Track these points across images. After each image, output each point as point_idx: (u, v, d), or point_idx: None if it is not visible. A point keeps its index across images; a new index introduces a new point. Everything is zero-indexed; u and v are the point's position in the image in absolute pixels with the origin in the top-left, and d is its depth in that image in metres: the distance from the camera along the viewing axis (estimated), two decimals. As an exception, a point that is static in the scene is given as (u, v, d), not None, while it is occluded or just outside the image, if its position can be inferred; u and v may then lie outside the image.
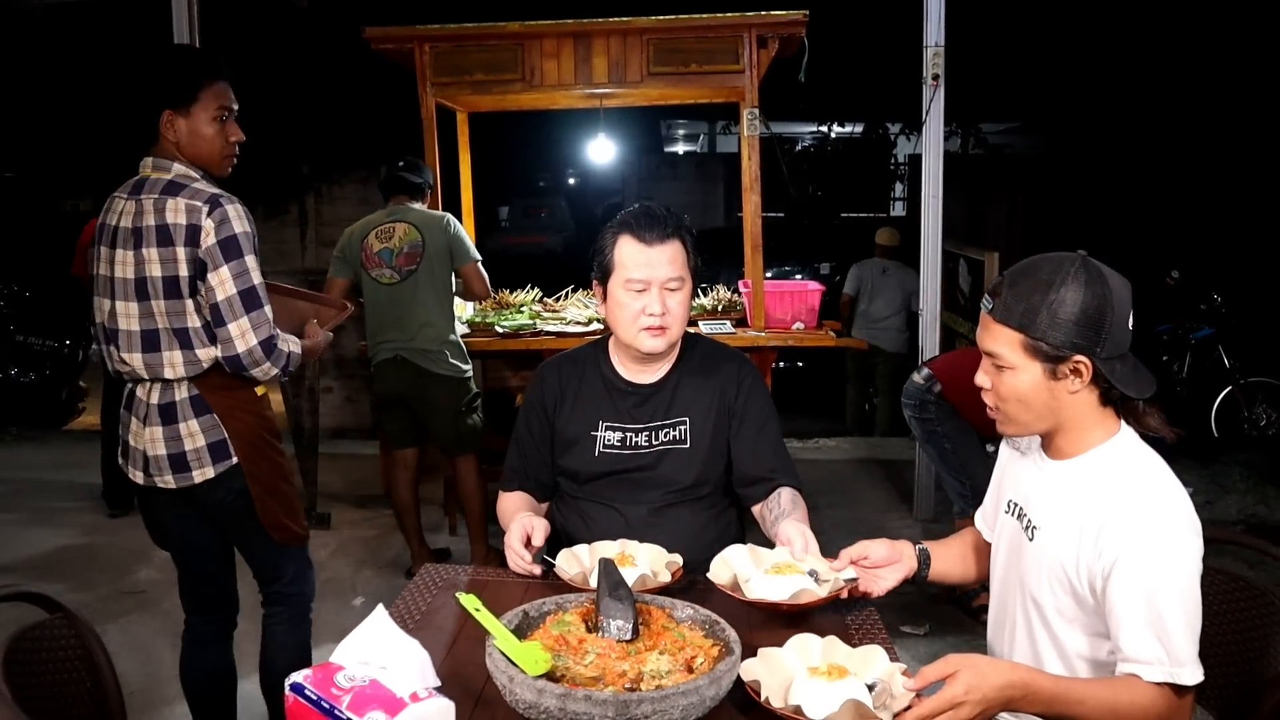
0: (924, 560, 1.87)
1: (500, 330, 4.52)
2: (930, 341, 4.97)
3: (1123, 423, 1.63)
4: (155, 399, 2.35)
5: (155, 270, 2.25)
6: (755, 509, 2.22)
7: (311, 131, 9.74)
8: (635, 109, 6.50)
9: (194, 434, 2.35)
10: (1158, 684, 1.47)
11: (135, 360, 2.32)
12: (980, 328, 1.64)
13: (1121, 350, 1.56)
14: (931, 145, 4.82)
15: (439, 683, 1.32)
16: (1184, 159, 12.30)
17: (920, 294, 5.03)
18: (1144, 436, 1.64)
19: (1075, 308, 1.52)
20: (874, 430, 7.41)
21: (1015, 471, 1.79)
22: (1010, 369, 1.59)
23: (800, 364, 9.31)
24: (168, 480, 2.38)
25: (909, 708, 1.38)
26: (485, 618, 1.53)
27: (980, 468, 3.86)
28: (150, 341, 2.30)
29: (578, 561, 2.00)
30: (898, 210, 20.16)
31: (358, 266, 4.06)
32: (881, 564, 1.84)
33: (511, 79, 4.40)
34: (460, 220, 4.96)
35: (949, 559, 1.91)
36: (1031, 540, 1.67)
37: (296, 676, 1.31)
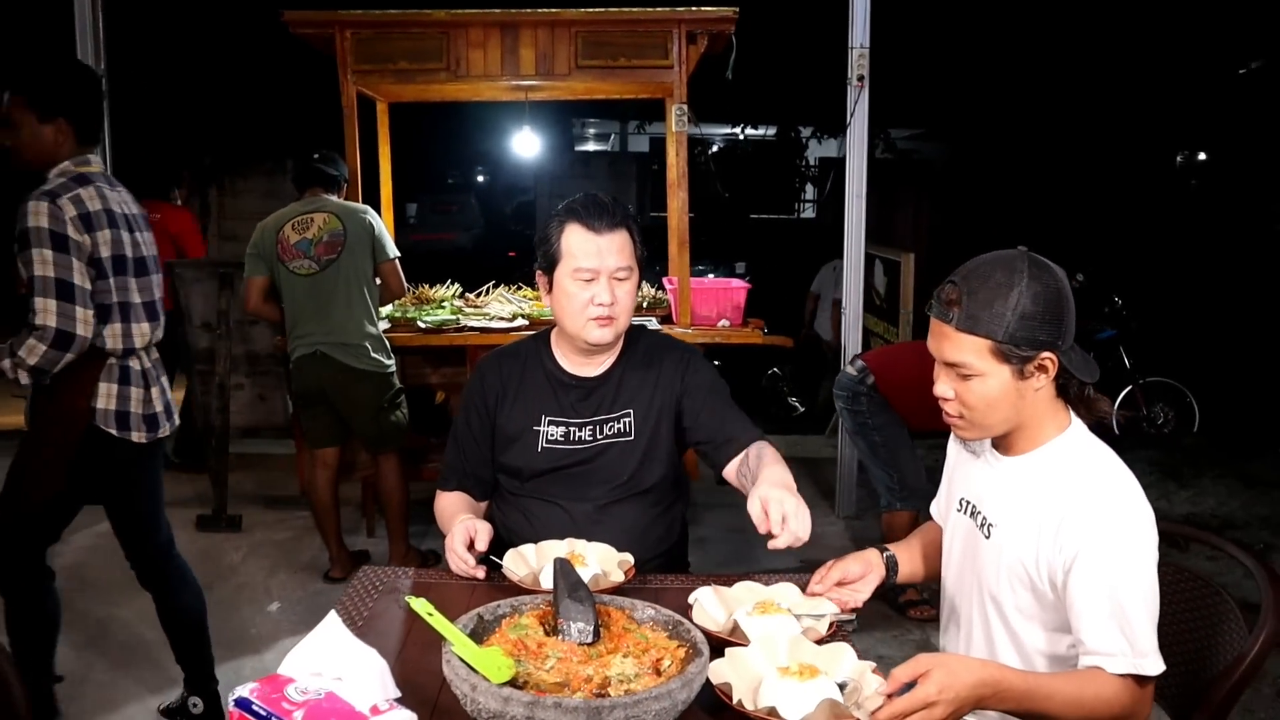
0: (892, 566, 1.85)
1: (422, 325, 4.39)
2: (853, 339, 5.01)
3: (1072, 414, 1.63)
4: (150, 362, 2.74)
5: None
6: (730, 473, 2.12)
7: (216, 121, 9.39)
8: (548, 106, 6.39)
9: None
10: (1121, 675, 1.48)
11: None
12: (937, 339, 1.61)
13: (1071, 339, 1.57)
14: (855, 146, 4.86)
15: (399, 693, 1.23)
16: (1085, 167, 12.76)
17: (844, 292, 5.06)
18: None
19: (1039, 305, 1.52)
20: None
21: (966, 469, 1.79)
22: (978, 376, 1.57)
23: (717, 363, 9.35)
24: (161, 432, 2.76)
25: (882, 707, 1.35)
26: (440, 623, 1.45)
27: (909, 461, 3.90)
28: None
29: (525, 562, 1.93)
30: (807, 213, 20.46)
31: (273, 260, 3.90)
32: (856, 579, 1.80)
33: (436, 68, 4.28)
34: (380, 215, 4.83)
35: (914, 560, 1.90)
36: (988, 538, 1.66)
37: (242, 690, 1.21)
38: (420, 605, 1.55)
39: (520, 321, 4.49)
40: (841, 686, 1.42)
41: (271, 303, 4.01)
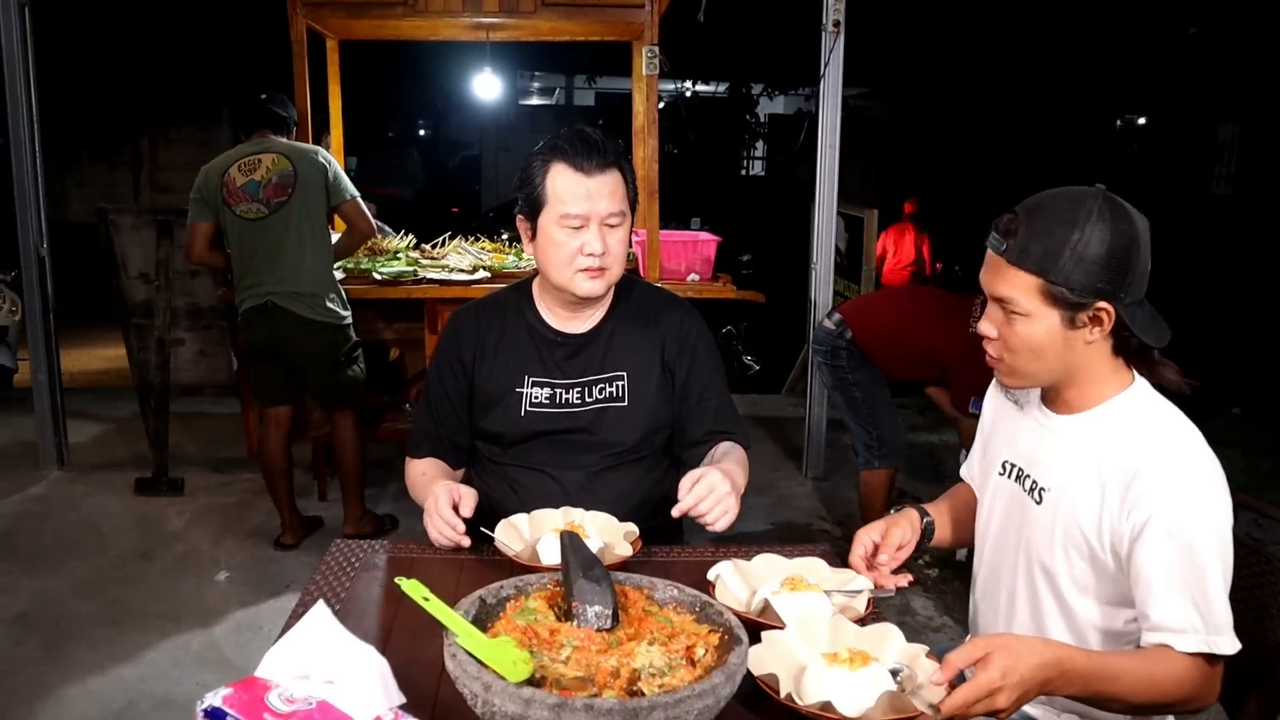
0: (929, 531, 1.70)
1: (378, 277, 4.14)
2: (825, 294, 4.87)
3: (1135, 373, 1.49)
4: None
5: None
6: (691, 465, 1.98)
7: (147, 65, 8.89)
8: (491, 59, 6.08)
9: None
10: (1191, 654, 1.34)
11: None
12: (987, 270, 1.45)
13: (1142, 294, 1.41)
14: (829, 95, 4.68)
15: (404, 699, 1.04)
16: (1028, 128, 12.78)
17: (815, 247, 4.91)
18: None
19: (1102, 248, 1.36)
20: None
21: (1010, 429, 1.63)
22: (1024, 316, 1.41)
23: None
24: None
25: (945, 699, 1.20)
26: (438, 609, 1.26)
27: (888, 418, 3.80)
28: None
29: (518, 534, 1.75)
30: (756, 169, 20.29)
31: (218, 205, 3.62)
32: (908, 544, 1.65)
33: (393, 2, 4.00)
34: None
35: (944, 523, 1.74)
36: (1039, 503, 1.51)
37: (212, 698, 1.01)
38: (413, 588, 1.36)
39: (482, 274, 4.27)
40: (894, 674, 1.27)
41: (217, 251, 3.73)
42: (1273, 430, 5.72)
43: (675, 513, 1.66)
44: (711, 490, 1.65)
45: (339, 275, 3.91)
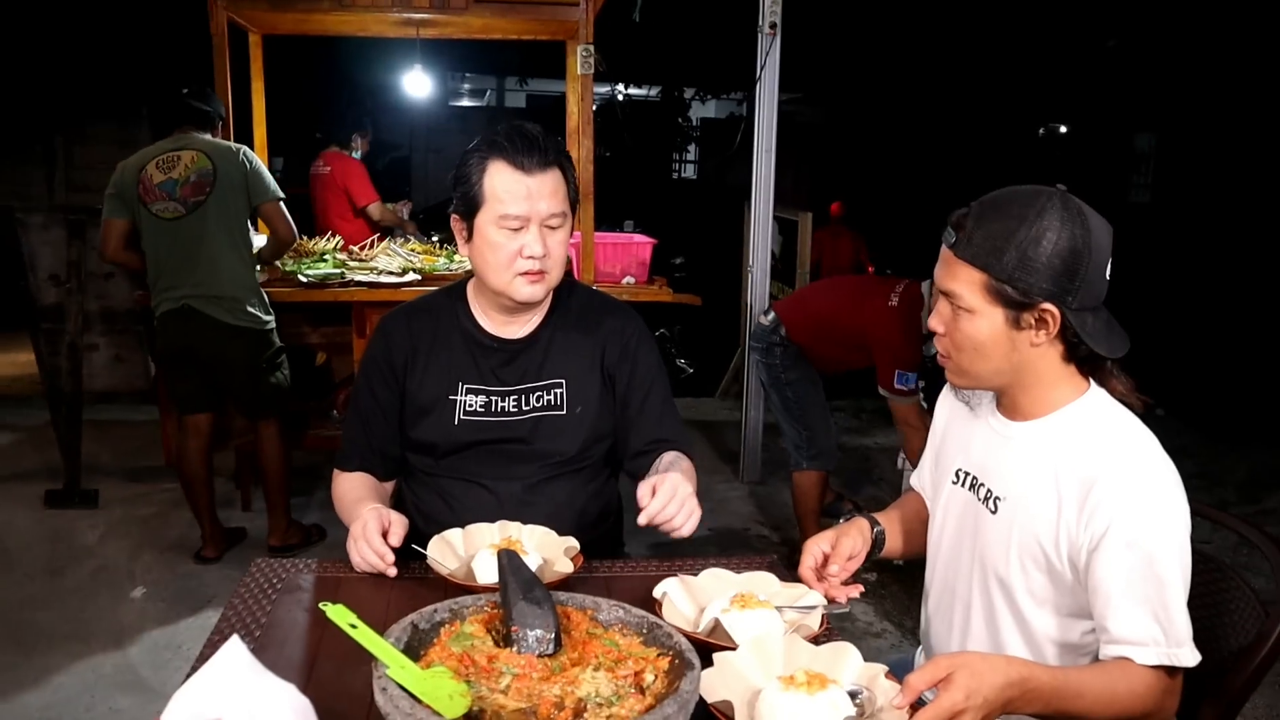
0: (879, 541, 1.65)
1: (304, 279, 4.00)
2: (760, 295, 4.85)
3: (1091, 381, 1.46)
4: None
5: None
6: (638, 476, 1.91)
7: (63, 63, 8.54)
8: (424, 57, 5.92)
9: None
10: (1151, 667, 1.31)
11: None
12: (939, 264, 1.42)
13: (1096, 301, 1.38)
14: (766, 97, 4.66)
15: (328, 741, 0.96)
16: (955, 136, 13.00)
17: (750, 249, 4.88)
18: None
19: (1049, 248, 1.32)
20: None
21: (963, 436, 1.59)
22: (969, 313, 1.38)
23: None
24: None
25: None
26: (367, 637, 1.17)
27: (820, 419, 3.79)
28: None
29: (452, 551, 1.66)
30: (688, 173, 20.30)
31: (134, 202, 3.45)
32: (859, 555, 1.60)
33: (319, -5, 3.87)
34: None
35: (895, 534, 1.70)
36: (995, 513, 1.47)
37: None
38: (338, 614, 1.26)
39: (412, 277, 4.15)
40: (853, 696, 1.21)
41: (133, 250, 3.56)
42: (1195, 433, 5.85)
43: (641, 521, 1.57)
44: (674, 494, 1.58)
45: (261, 278, 3.76)
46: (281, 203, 3.58)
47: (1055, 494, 1.39)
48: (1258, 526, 1.60)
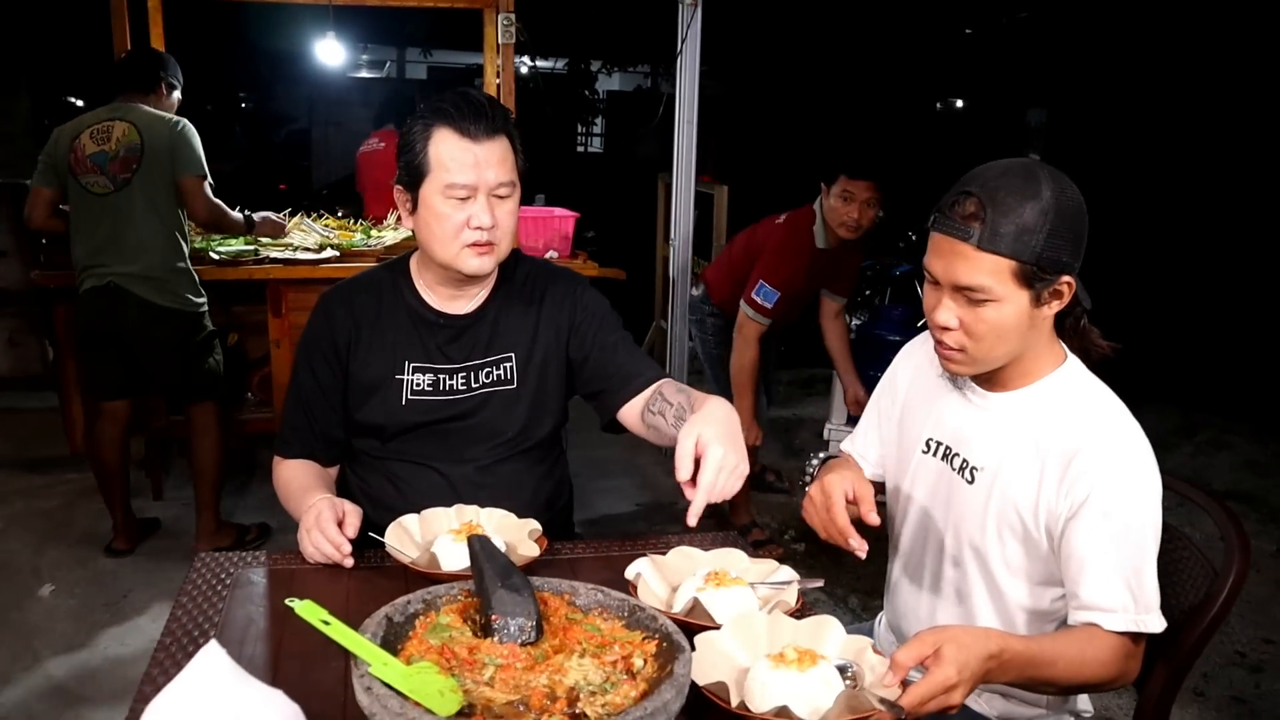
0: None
1: (215, 257, 3.82)
2: (682, 268, 4.82)
3: (1065, 348, 1.47)
4: None
5: None
6: (630, 416, 1.79)
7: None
8: (315, 31, 5.68)
9: None
10: (1117, 633, 1.34)
11: None
12: (947, 259, 1.35)
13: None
14: (687, 70, 4.61)
15: (323, 747, 0.90)
16: (859, 108, 13.19)
17: (673, 222, 4.86)
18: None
19: (1065, 221, 1.32)
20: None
21: (932, 405, 1.58)
22: (995, 302, 1.34)
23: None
24: None
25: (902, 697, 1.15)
26: (344, 634, 1.11)
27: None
28: None
29: (409, 538, 1.60)
30: (595, 146, 20.17)
31: (64, 172, 3.27)
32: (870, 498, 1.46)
33: (224, -43, 3.67)
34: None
35: None
36: (971, 483, 1.48)
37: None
38: (308, 610, 1.20)
39: (330, 253, 4.00)
40: (843, 671, 1.21)
41: (61, 219, 3.37)
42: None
43: (691, 519, 1.35)
44: (720, 469, 1.36)
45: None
46: (205, 180, 3.38)
47: (1037, 464, 1.40)
48: (1200, 487, 1.65)
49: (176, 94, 3.54)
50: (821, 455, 1.60)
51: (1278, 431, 5.43)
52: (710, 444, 1.37)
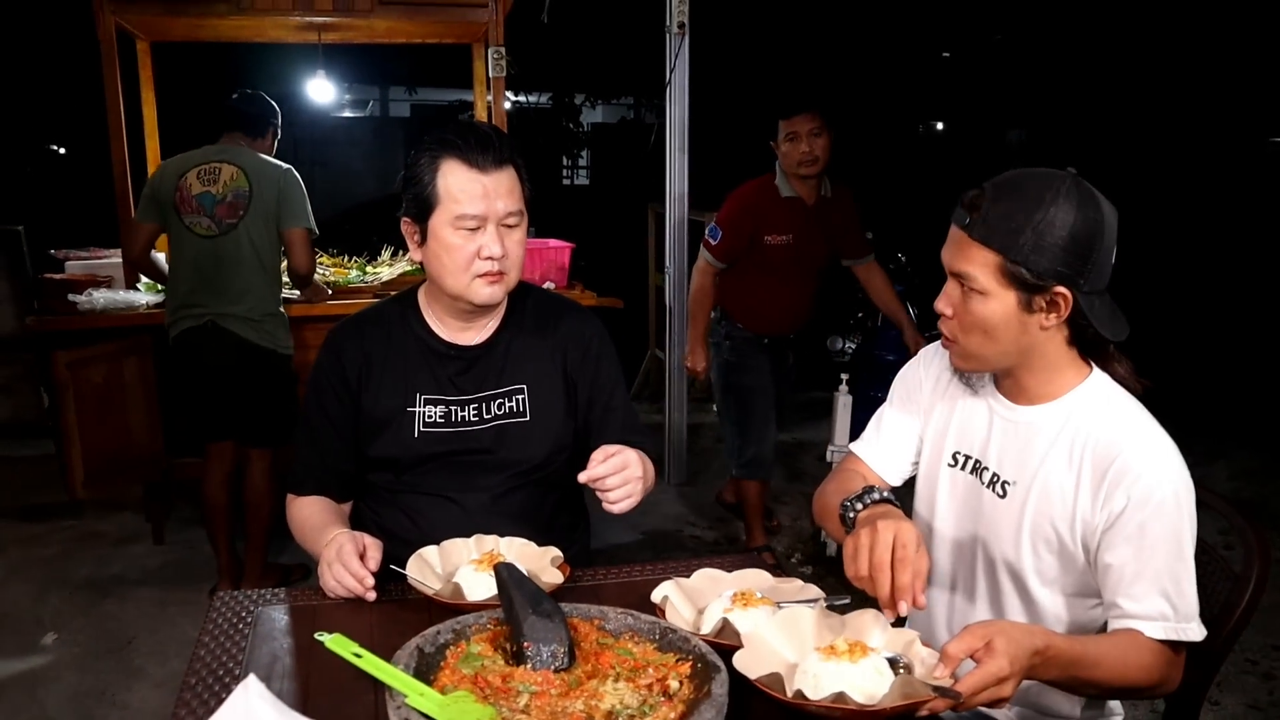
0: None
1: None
2: (678, 300, 4.84)
3: (1092, 364, 1.47)
4: None
5: None
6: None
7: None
8: (303, 71, 5.71)
9: None
10: (1159, 640, 1.34)
11: None
12: (951, 245, 1.41)
13: (1102, 285, 1.39)
14: (677, 97, 4.64)
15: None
16: (837, 128, 13.32)
17: (668, 250, 4.87)
18: None
19: (1064, 231, 1.33)
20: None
21: (958, 418, 1.57)
22: (980, 295, 1.37)
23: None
24: None
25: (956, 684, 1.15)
26: (378, 667, 1.11)
27: (756, 429, 3.77)
28: None
29: (430, 569, 1.59)
30: (581, 179, 20.27)
31: (169, 210, 3.27)
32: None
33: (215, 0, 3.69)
34: (146, 176, 4.19)
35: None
36: (1004, 497, 1.47)
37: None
38: (340, 644, 1.20)
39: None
40: (893, 663, 1.20)
41: (152, 260, 3.43)
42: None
43: (582, 477, 1.55)
44: (625, 467, 1.55)
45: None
46: (309, 232, 3.39)
47: (1072, 477, 1.40)
48: (1225, 498, 1.65)
49: (276, 141, 3.57)
50: (875, 495, 1.44)
51: (1272, 440, 5.46)
52: (620, 451, 1.57)
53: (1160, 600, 1.33)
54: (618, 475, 1.55)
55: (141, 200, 3.38)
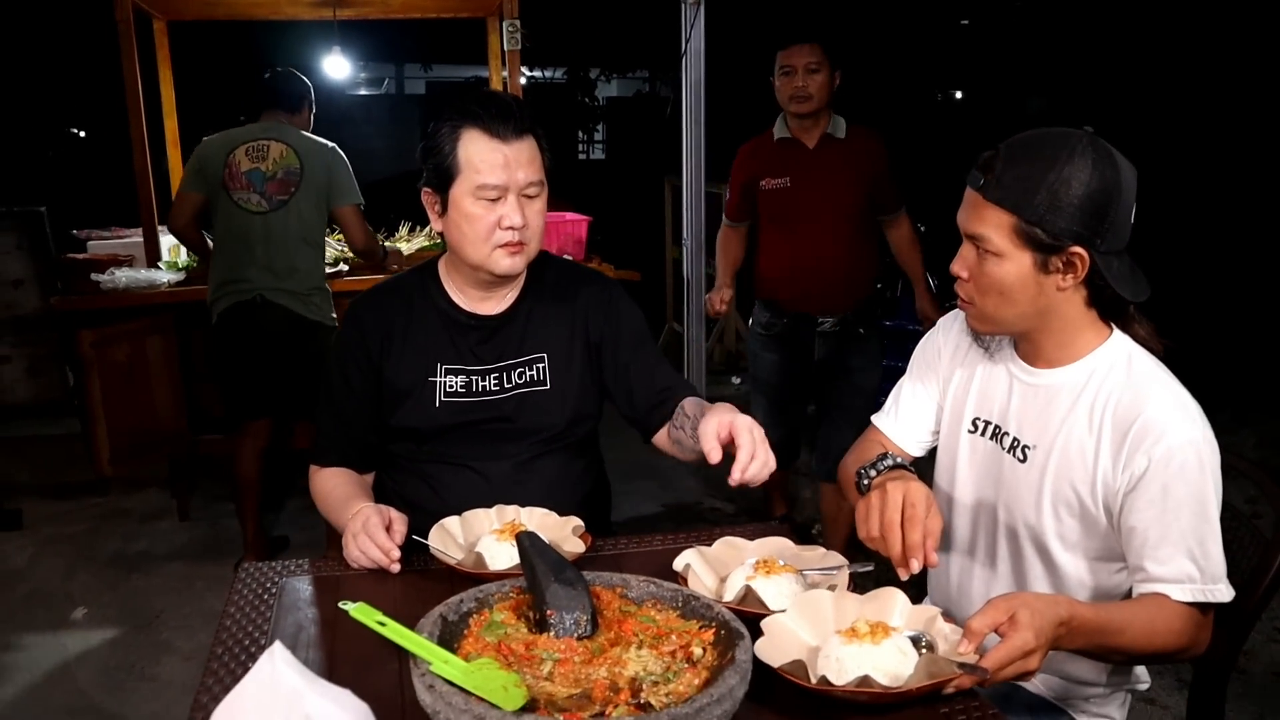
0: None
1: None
2: (695, 270, 4.83)
3: (1113, 326, 1.45)
4: None
5: None
6: (660, 438, 1.85)
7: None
8: (321, 48, 5.71)
9: None
10: (1186, 603, 1.32)
11: None
12: (965, 207, 1.40)
13: (1121, 245, 1.37)
14: (692, 69, 4.61)
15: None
16: (854, 98, 13.19)
17: (685, 223, 4.86)
18: None
19: (1080, 190, 1.31)
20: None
21: (978, 384, 1.56)
22: (996, 256, 1.36)
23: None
24: None
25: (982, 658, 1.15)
26: (402, 634, 1.11)
27: (759, 418, 3.59)
28: None
29: (453, 539, 1.59)
30: (596, 154, 20.19)
31: (216, 184, 3.31)
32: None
33: (230, -23, 3.69)
34: (166, 155, 4.20)
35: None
36: (1024, 461, 1.46)
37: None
38: (364, 613, 1.20)
39: (342, 267, 4.01)
40: (916, 642, 1.20)
41: (200, 230, 3.45)
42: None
43: (733, 481, 1.42)
44: (755, 440, 1.43)
45: (179, 277, 3.61)
46: (360, 207, 3.44)
47: (1092, 439, 1.39)
48: (1259, 465, 1.63)
49: (312, 116, 3.60)
50: (888, 462, 1.47)
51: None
52: (736, 422, 1.44)
53: (1186, 562, 1.32)
54: (757, 455, 1.43)
55: (187, 172, 3.42)
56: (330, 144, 3.43)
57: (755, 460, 1.43)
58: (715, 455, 1.44)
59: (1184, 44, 9.20)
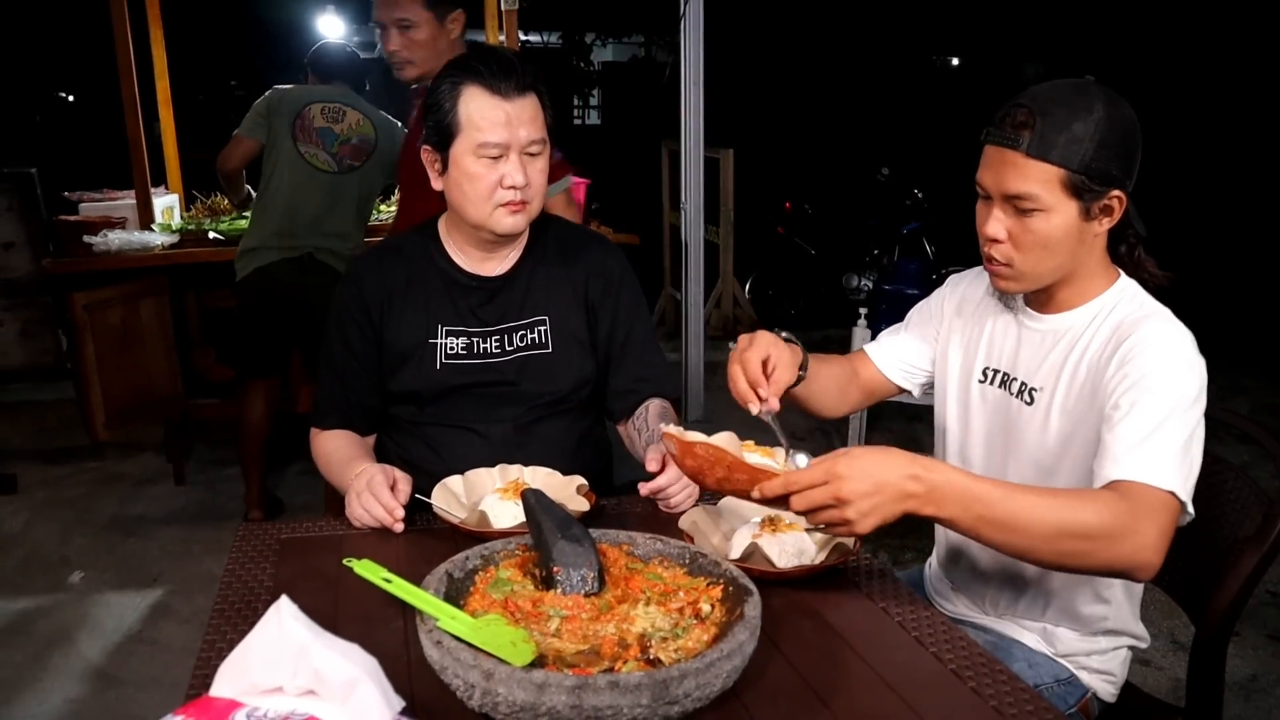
0: (804, 366, 1.55)
1: (214, 237, 3.81)
2: (696, 237, 4.80)
3: (1120, 270, 1.46)
4: None
5: None
6: (620, 427, 1.90)
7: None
8: (311, 9, 5.63)
9: None
10: (1125, 482, 1.24)
11: None
12: (997, 168, 1.36)
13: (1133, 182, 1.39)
14: (691, 36, 4.57)
15: (404, 703, 0.88)
16: (840, 67, 13.10)
17: (684, 189, 4.82)
18: None
19: (1115, 134, 1.32)
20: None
21: (986, 335, 1.56)
22: (1042, 211, 1.35)
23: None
24: None
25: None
26: (407, 590, 1.10)
27: None
28: None
29: (456, 499, 1.58)
30: (592, 119, 20.05)
31: (282, 133, 3.31)
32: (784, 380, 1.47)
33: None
34: (158, 124, 4.16)
35: (825, 379, 1.65)
36: (1031, 404, 1.47)
37: (165, 723, 0.83)
38: (368, 570, 1.19)
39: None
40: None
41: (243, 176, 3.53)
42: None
43: (644, 490, 1.57)
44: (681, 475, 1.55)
45: (171, 239, 3.64)
46: None
47: (1092, 375, 1.39)
48: (1258, 422, 1.62)
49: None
50: (784, 335, 1.53)
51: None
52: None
53: (1143, 454, 1.25)
54: (681, 482, 1.56)
55: (251, 115, 3.40)
56: (399, 123, 3.48)
57: (674, 486, 1.56)
58: (653, 466, 1.56)
59: (1181, 6, 9.14)
